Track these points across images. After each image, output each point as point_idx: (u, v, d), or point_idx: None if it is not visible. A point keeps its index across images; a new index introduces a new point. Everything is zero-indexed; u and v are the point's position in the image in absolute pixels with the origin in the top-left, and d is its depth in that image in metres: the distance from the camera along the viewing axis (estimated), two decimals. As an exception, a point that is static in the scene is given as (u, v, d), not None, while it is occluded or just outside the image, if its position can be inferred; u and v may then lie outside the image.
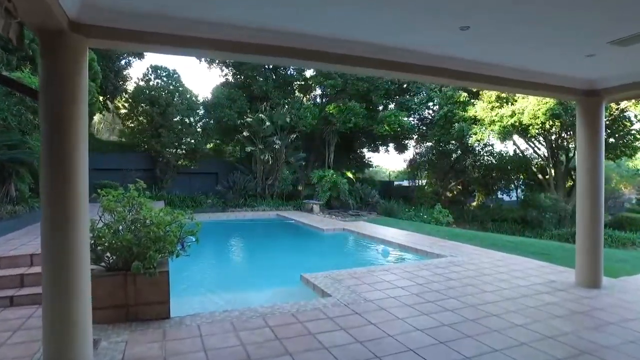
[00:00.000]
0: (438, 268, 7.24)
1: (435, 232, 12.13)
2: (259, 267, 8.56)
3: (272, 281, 7.32)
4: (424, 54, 4.62)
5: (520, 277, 6.63)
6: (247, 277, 7.69)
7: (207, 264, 8.70)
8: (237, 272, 8.21)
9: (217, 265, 8.82)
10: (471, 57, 4.75)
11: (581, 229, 6.25)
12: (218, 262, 9.17)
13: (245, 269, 8.56)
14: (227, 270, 8.44)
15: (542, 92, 6.20)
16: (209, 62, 23.31)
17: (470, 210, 25.71)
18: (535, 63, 5.10)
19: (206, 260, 8.95)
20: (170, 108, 19.03)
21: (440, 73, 4.96)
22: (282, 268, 8.39)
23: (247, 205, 19.85)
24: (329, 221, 15.36)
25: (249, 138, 20.86)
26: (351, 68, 5.05)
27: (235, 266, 8.89)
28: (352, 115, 20.91)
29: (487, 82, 5.41)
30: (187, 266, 7.88)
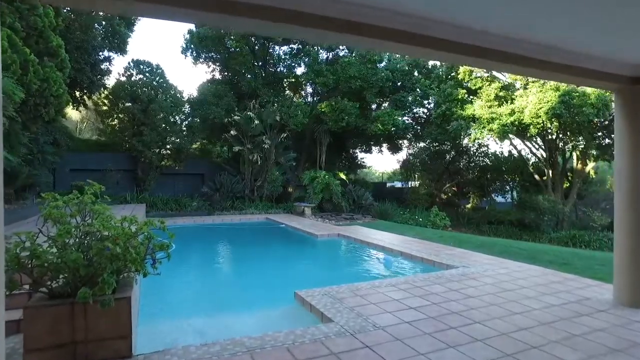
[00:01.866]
0: (451, 282, 6.36)
1: (437, 238, 11.27)
2: (246, 282, 7.54)
3: (262, 300, 6.33)
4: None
5: (547, 294, 5.77)
6: (232, 296, 6.66)
7: (185, 279, 7.62)
8: (220, 289, 7.15)
9: (197, 281, 7.71)
10: (480, 26, 3.82)
11: (622, 241, 5.38)
12: (198, 277, 8.05)
13: (229, 285, 7.50)
14: (209, 286, 7.37)
15: (572, 79, 5.26)
16: (195, 58, 22.21)
17: (465, 213, 25.05)
18: (570, 41, 4.24)
19: (184, 275, 7.90)
20: (153, 105, 17.91)
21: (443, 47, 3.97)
22: (272, 282, 7.42)
23: (234, 208, 18.84)
24: (322, 225, 14.42)
25: (237, 137, 19.83)
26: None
27: (218, 281, 7.81)
28: (344, 114, 20.01)
29: (503, 62, 4.35)
30: (161, 284, 6.87)
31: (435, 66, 23.48)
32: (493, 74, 20.96)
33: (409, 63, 22.65)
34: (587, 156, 21.68)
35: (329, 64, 21.78)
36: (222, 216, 17.36)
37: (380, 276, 7.53)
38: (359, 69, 20.22)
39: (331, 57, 22.73)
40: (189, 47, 21.73)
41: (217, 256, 10.34)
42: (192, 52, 21.88)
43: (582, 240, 18.06)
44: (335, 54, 22.54)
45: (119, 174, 18.85)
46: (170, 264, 8.24)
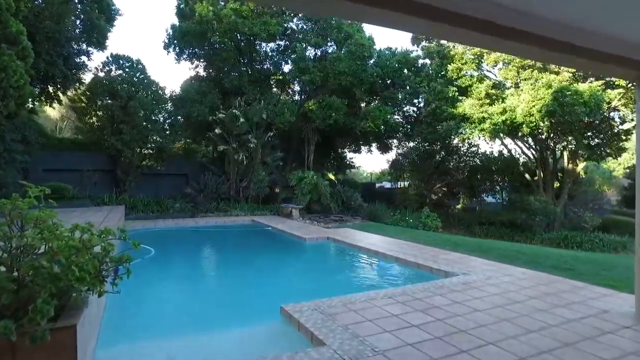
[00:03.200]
0: (454, 292, 5.77)
1: (431, 241, 10.72)
2: (227, 294, 6.83)
3: (243, 315, 5.64)
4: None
5: (560, 305, 5.23)
6: (210, 311, 5.93)
7: (159, 292, 6.84)
8: (198, 303, 6.39)
9: (173, 293, 6.86)
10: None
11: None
12: (174, 288, 7.15)
13: (209, 297, 6.73)
14: (186, 300, 6.58)
15: (589, 64, 4.60)
16: (178, 54, 21.36)
17: (455, 214, 24.70)
18: (595, 19, 3.69)
19: (159, 286, 7.13)
20: (133, 102, 17.04)
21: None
22: (256, 294, 6.74)
23: (219, 210, 18.07)
24: (311, 228, 13.78)
25: (222, 136, 19.06)
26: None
27: (196, 293, 7.02)
28: (332, 110, 19.38)
29: (515, 40, 3.67)
30: (132, 298, 6.15)
31: (425, 64, 23.05)
32: (483, 73, 20.62)
33: (398, 60, 22.16)
34: (578, 156, 21.47)
35: (316, 61, 21.16)
36: (205, 218, 16.60)
37: (375, 285, 6.92)
38: (349, 64, 19.63)
39: (319, 54, 22.12)
40: (171, 43, 20.88)
41: (196, 263, 9.58)
42: (175, 47, 21.04)
43: (574, 241, 17.81)
44: (323, 50, 21.93)
45: (97, 174, 17.94)
46: (146, 273, 7.49)
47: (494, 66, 19.50)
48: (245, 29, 18.55)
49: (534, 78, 16.83)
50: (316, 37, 20.52)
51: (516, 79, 18.12)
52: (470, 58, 19.02)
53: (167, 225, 14.67)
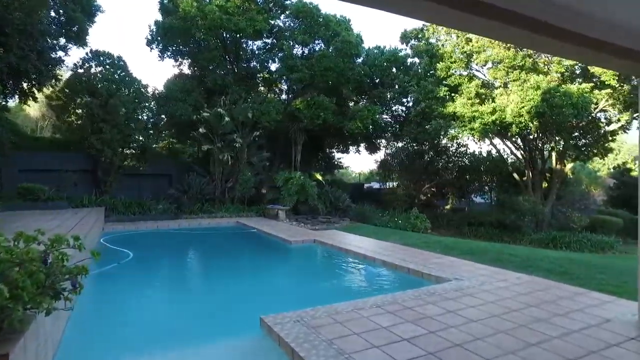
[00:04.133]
0: (447, 300, 5.41)
1: (422, 244, 10.39)
2: (205, 302, 6.35)
3: (220, 328, 5.19)
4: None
5: (560, 314, 4.90)
6: (183, 322, 5.45)
7: (132, 301, 6.37)
8: (170, 313, 5.91)
9: (144, 303, 6.31)
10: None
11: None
12: (147, 297, 6.57)
13: (183, 307, 6.22)
14: (157, 310, 6.04)
15: (591, 54, 4.22)
16: (161, 51, 20.71)
17: (444, 214, 24.49)
18: (600, 5, 3.36)
19: (132, 295, 6.65)
20: (113, 100, 16.41)
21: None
22: (236, 302, 6.29)
23: (203, 212, 17.55)
24: (297, 230, 13.36)
25: (206, 135, 18.52)
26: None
27: (170, 302, 6.52)
28: (320, 110, 18.97)
29: (522, 27, 3.29)
30: (97, 309, 5.69)
31: (413, 63, 22.80)
32: (472, 72, 20.44)
33: (387, 59, 21.86)
34: (566, 156, 21.43)
35: (304, 59, 20.75)
36: (189, 220, 16.08)
37: (363, 292, 6.54)
38: (335, 62, 19.25)
39: (307, 52, 21.71)
40: (155, 39, 20.23)
41: (175, 269, 9.07)
42: (159, 44, 20.38)
43: (563, 241, 17.70)
44: (310, 48, 21.52)
45: (77, 175, 17.28)
46: (120, 279, 6.97)
47: (483, 66, 19.33)
48: (231, 25, 18.04)
49: (523, 79, 16.65)
50: (303, 35, 20.10)
51: (505, 79, 17.95)
52: (459, 57, 18.80)
53: (148, 228, 14.14)
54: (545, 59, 17.66)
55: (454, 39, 19.47)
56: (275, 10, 20.96)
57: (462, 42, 18.66)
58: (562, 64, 16.82)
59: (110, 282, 7.35)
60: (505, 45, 16.88)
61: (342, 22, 21.18)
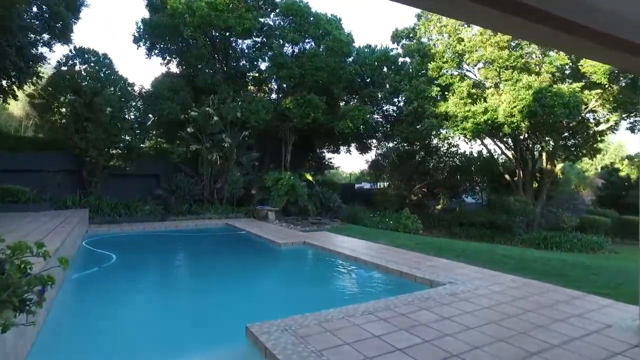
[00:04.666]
0: (441, 306, 5.20)
1: (414, 245, 10.19)
2: (189, 309, 6.04)
3: (204, 337, 4.89)
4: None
5: (559, 319, 4.71)
6: (165, 331, 5.15)
7: (107, 307, 6.00)
8: (152, 321, 5.57)
9: (124, 309, 5.88)
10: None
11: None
12: (128, 303, 6.22)
13: (166, 314, 5.88)
14: (138, 317, 5.68)
15: (600, 51, 4.03)
16: (149, 49, 20.27)
17: (435, 214, 24.42)
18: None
19: (108, 301, 6.30)
20: (98, 98, 15.97)
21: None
22: (222, 308, 5.99)
23: (191, 213, 17.19)
24: (287, 232, 13.08)
25: (194, 135, 18.15)
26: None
27: (152, 308, 6.16)
28: (310, 109, 18.71)
29: (520, 14, 3.05)
30: (74, 316, 5.38)
31: (405, 63, 22.67)
32: (464, 72, 20.36)
33: (378, 58, 21.68)
34: (556, 157, 21.49)
35: (294, 57, 20.49)
36: (176, 222, 15.71)
37: (354, 298, 6.29)
38: (326, 61, 19.01)
39: (297, 51, 21.45)
40: (142, 37, 19.78)
41: (159, 273, 8.70)
42: (146, 42, 19.95)
43: (553, 241, 17.74)
44: (301, 47, 21.27)
45: (61, 175, 16.79)
46: (100, 283, 6.62)
47: (474, 66, 19.26)
48: (220, 22, 17.71)
49: (515, 79, 16.58)
50: (293, 34, 19.83)
51: (496, 79, 17.89)
52: (451, 57, 18.70)
53: (134, 230, 13.75)
54: (536, 59, 17.64)
55: (446, 39, 19.37)
56: (265, 9, 20.66)
57: (454, 41, 18.56)
58: (553, 64, 16.79)
59: (90, 287, 7.01)
60: (498, 45, 16.81)
61: (333, 20, 20.97)
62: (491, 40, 16.66)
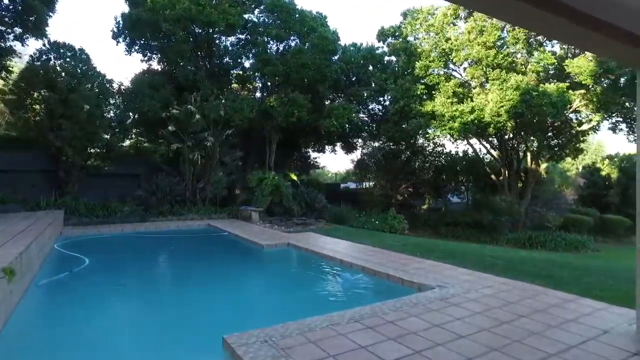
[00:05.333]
0: (431, 312, 4.93)
1: (400, 247, 9.95)
2: (163, 317, 5.61)
3: (177, 350, 4.50)
4: None
5: (553, 325, 4.49)
6: (135, 343, 4.77)
7: (74, 316, 5.54)
8: (121, 331, 5.16)
9: (92, 318, 5.43)
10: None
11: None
12: (97, 310, 5.72)
13: (138, 323, 5.47)
14: (108, 326, 5.31)
15: (591, 37, 3.81)
16: (129, 45, 19.60)
17: (421, 214, 24.33)
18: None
19: (76, 308, 5.86)
20: (74, 95, 15.36)
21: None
22: (199, 316, 5.61)
23: (173, 213, 16.68)
24: (271, 233, 12.73)
25: (175, 134, 17.63)
26: None
27: (123, 316, 5.71)
28: (295, 107, 18.34)
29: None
30: (31, 325, 4.96)
31: (390, 62, 22.50)
32: (450, 71, 20.29)
33: (363, 56, 21.45)
34: (540, 156, 21.60)
35: (279, 55, 20.12)
36: (157, 223, 15.20)
37: (339, 303, 5.98)
38: (312, 58, 18.69)
39: (282, 49, 21.07)
40: (121, 32, 19.10)
41: (134, 277, 8.17)
42: (125, 37, 19.27)
43: (538, 240, 17.86)
44: (286, 45, 20.91)
45: (35, 175, 16.12)
46: (69, 289, 6.16)
47: (460, 65, 19.19)
48: (202, 17, 17.22)
49: (503, 78, 16.50)
50: (278, 30, 19.45)
51: (482, 79, 17.83)
52: (437, 56, 18.58)
53: (112, 231, 13.22)
54: (522, 58, 17.65)
55: (433, 37, 19.26)
56: (249, 4, 20.23)
57: (442, 40, 18.46)
58: (540, 64, 16.79)
59: (58, 294, 6.57)
60: (485, 45, 16.73)
61: (318, 18, 20.66)
62: (478, 39, 16.57)
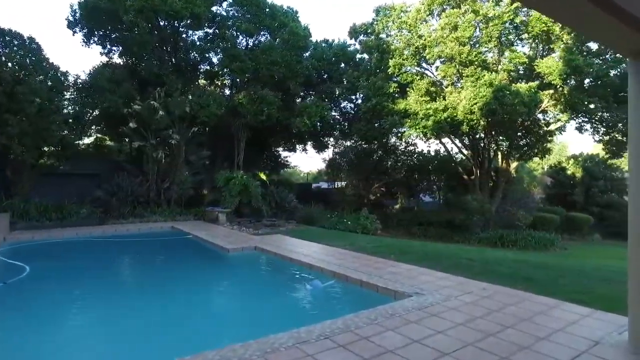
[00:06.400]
0: (409, 324, 4.46)
1: (374, 249, 9.50)
2: (108, 336, 4.87)
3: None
4: None
5: (542, 338, 4.10)
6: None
7: (10, 336, 4.83)
8: (56, 354, 4.51)
9: (24, 337, 4.76)
10: None
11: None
12: (28, 328, 4.94)
13: (77, 344, 4.79)
14: (39, 347, 4.63)
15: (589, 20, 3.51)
16: (86, 35, 18.32)
17: (394, 214, 24.13)
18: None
19: (3, 327, 5.10)
20: (22, 87, 14.15)
21: None
22: (151, 334, 4.93)
23: (135, 216, 15.76)
24: (237, 235, 12.05)
25: (138, 130, 16.63)
26: None
27: (58, 336, 4.94)
28: (265, 105, 17.67)
29: None
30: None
31: (363, 59, 22.15)
32: (422, 70, 20.12)
33: (335, 52, 21.02)
34: (511, 156, 21.77)
35: (248, 50, 19.39)
36: (117, 226, 14.24)
37: (307, 316, 5.44)
38: (282, 54, 18.08)
39: (251, 44, 20.35)
40: (78, 22, 17.85)
41: (80, 288, 7.25)
42: (83, 27, 18.03)
43: (509, 239, 17.94)
44: (255, 40, 20.20)
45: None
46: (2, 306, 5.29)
47: (432, 63, 19.04)
48: (165, 7, 16.27)
49: (477, 75, 16.36)
50: (248, 24, 18.73)
51: (455, 77, 17.71)
52: (411, 53, 18.33)
53: (65, 236, 12.20)
54: (494, 57, 17.63)
55: (405, 34, 19.01)
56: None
57: (415, 36, 18.24)
58: (512, 63, 16.78)
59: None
60: (458, 41, 16.55)
61: (290, 13, 20.09)
62: (452, 35, 16.39)
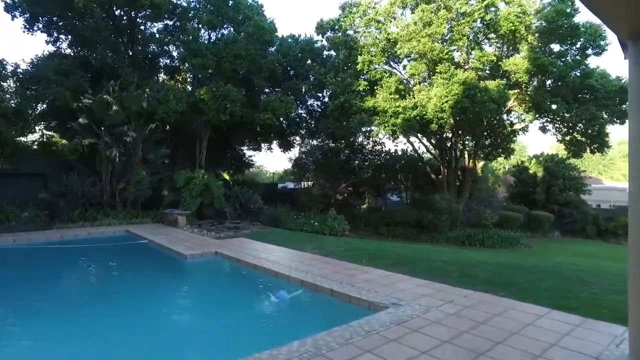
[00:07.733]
0: (389, 344, 3.87)
1: (344, 252, 8.92)
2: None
3: None
4: None
5: (539, 356, 3.62)
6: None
7: None
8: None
9: None
10: None
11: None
12: None
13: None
14: None
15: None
16: (28, 21, 16.66)
17: (362, 214, 23.78)
18: None
19: None
20: (-49, 77, 12.70)
21: None
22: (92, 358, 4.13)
23: (86, 219, 14.44)
24: (197, 240, 11.16)
25: (89, 127, 15.33)
26: None
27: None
28: (228, 101, 16.74)
29: None
30: None
31: (330, 56, 21.62)
32: (390, 69, 19.81)
33: (302, 48, 20.36)
34: (477, 155, 21.88)
35: (210, 44, 18.39)
36: (63, 230, 12.94)
37: (271, 335, 4.75)
38: (246, 49, 17.22)
39: (214, 38, 19.35)
40: (17, 5, 16.16)
41: (8, 306, 6.30)
42: (24, 12, 16.37)
43: (477, 238, 17.99)
44: (218, 33, 19.23)
45: None
46: None
47: (401, 62, 18.76)
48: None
49: (450, 72, 16.12)
50: (210, 16, 17.75)
51: (425, 74, 17.49)
52: (379, 50, 17.94)
53: (1, 243, 10.88)
54: (463, 55, 17.54)
55: (373, 31, 18.62)
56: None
57: (384, 32, 17.87)
58: (481, 60, 16.68)
59: None
60: (431, 38, 16.28)
61: (254, 6, 19.23)
62: (424, 32, 16.10)
